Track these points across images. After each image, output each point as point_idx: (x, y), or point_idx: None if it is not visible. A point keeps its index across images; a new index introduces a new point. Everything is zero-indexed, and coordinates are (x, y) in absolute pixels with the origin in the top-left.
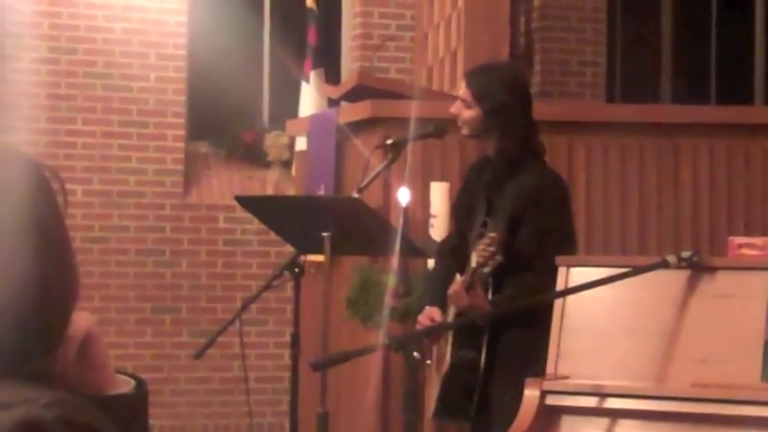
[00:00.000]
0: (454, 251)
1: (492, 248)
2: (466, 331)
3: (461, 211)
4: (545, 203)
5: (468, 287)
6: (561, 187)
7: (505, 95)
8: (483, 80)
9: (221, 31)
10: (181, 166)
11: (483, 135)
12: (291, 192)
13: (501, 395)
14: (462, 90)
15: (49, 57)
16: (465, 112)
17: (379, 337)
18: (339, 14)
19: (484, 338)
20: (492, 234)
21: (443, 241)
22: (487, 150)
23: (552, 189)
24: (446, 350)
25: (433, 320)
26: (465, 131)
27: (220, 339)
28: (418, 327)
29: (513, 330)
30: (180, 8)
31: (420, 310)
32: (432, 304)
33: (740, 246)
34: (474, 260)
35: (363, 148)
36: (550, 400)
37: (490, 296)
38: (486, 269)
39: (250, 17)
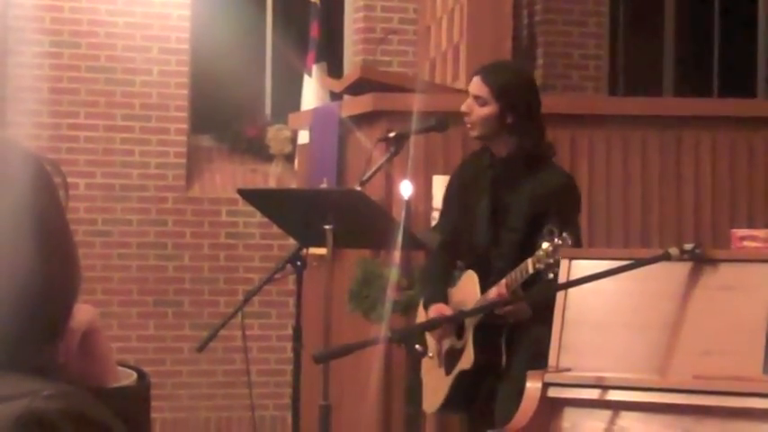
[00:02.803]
0: (450, 246)
1: (558, 257)
2: (486, 333)
3: (460, 204)
4: (567, 202)
5: (514, 292)
6: (577, 187)
7: (525, 93)
8: (502, 77)
9: (224, 24)
10: (183, 160)
11: (495, 134)
12: (294, 185)
13: (508, 389)
14: (476, 87)
15: (51, 51)
16: (479, 109)
17: (382, 330)
18: (341, 8)
19: (502, 339)
20: (558, 241)
21: (435, 232)
22: (496, 149)
23: (572, 188)
24: (458, 346)
25: (442, 314)
26: (476, 131)
27: (223, 332)
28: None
29: (530, 326)
30: (183, 2)
31: (421, 305)
32: (435, 302)
33: (742, 238)
34: (531, 265)
35: (366, 141)
36: (553, 393)
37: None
38: (551, 275)
39: (253, 11)
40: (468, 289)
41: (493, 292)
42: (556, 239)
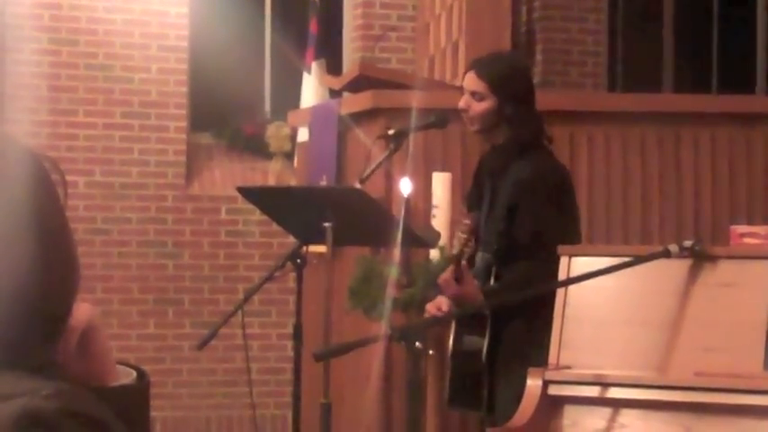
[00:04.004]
0: None
1: (465, 235)
2: (467, 323)
3: (473, 201)
4: (540, 192)
5: (457, 276)
6: (559, 175)
7: (520, 83)
8: (497, 70)
9: (223, 22)
10: (183, 158)
11: (494, 127)
12: (293, 183)
13: (504, 388)
14: (472, 83)
15: (49, 48)
16: (477, 105)
17: (382, 328)
18: (340, 5)
19: (487, 325)
20: (466, 221)
21: (436, 232)
22: (495, 141)
23: (548, 178)
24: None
25: (440, 309)
26: (475, 126)
27: (223, 331)
28: (426, 314)
29: (516, 320)
30: None
31: (424, 300)
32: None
33: (742, 235)
34: (455, 248)
35: (365, 138)
36: (553, 390)
37: (493, 283)
38: (464, 257)
39: (251, 8)
40: None
41: (440, 278)
42: (465, 220)
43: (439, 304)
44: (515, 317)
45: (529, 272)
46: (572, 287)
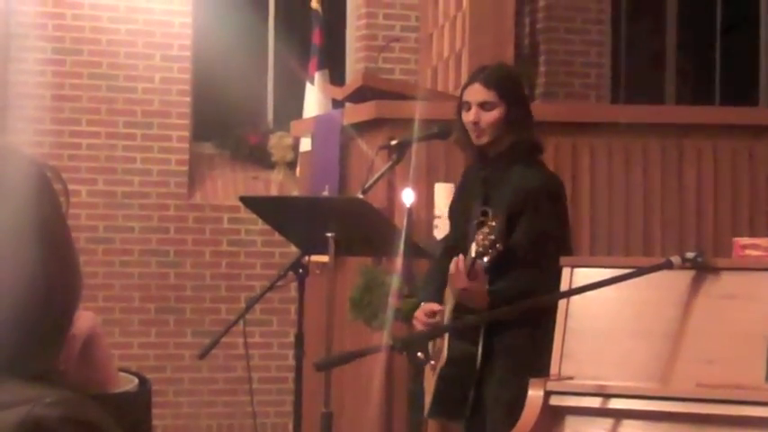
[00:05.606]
0: (453, 250)
1: (492, 237)
2: (462, 332)
3: (460, 210)
4: (544, 204)
5: (470, 273)
6: (561, 188)
7: (521, 88)
8: (502, 76)
9: (226, 32)
10: (185, 167)
11: (502, 136)
12: (296, 192)
13: (495, 395)
14: (480, 94)
15: (53, 58)
16: (487, 115)
17: (383, 338)
18: (344, 15)
19: (480, 332)
20: (492, 223)
21: (442, 241)
22: (495, 149)
23: (552, 190)
24: (443, 346)
25: (430, 313)
26: (486, 137)
27: (224, 340)
28: (415, 322)
29: (511, 328)
30: (184, 9)
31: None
32: (426, 302)
33: (744, 246)
34: (473, 250)
35: (368, 148)
36: (554, 401)
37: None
38: (486, 258)
39: (255, 18)
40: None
41: (451, 267)
42: (490, 222)
43: (429, 309)
44: (512, 325)
45: (533, 279)
46: (574, 298)
